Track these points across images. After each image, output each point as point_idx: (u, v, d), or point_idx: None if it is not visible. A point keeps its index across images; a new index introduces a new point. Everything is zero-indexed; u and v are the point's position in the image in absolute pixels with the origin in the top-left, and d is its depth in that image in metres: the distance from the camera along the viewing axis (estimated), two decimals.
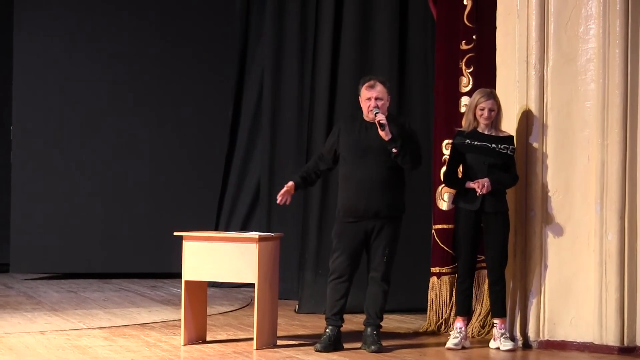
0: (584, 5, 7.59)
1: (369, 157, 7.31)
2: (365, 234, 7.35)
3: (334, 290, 7.39)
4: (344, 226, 7.39)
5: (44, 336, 7.73)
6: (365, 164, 7.31)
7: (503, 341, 7.50)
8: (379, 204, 7.29)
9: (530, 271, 7.67)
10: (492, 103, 7.55)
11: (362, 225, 7.33)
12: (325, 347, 7.27)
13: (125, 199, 12.49)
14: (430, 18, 9.06)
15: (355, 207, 7.32)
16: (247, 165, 11.52)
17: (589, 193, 7.52)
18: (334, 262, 7.42)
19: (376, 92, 7.35)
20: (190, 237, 7.51)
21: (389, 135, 7.23)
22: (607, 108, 7.44)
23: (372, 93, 7.36)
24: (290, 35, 10.55)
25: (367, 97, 7.36)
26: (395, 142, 7.22)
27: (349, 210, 7.36)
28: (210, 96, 12.57)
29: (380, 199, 7.29)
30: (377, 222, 7.32)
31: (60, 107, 12.37)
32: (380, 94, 7.35)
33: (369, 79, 7.47)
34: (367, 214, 7.30)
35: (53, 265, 12.41)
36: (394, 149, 7.21)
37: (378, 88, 7.37)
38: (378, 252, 7.33)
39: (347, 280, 7.38)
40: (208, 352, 7.21)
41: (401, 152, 7.22)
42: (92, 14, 12.45)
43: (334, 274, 7.40)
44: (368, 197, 7.28)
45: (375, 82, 7.39)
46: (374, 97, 7.34)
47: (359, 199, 7.30)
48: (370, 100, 7.35)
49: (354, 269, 7.41)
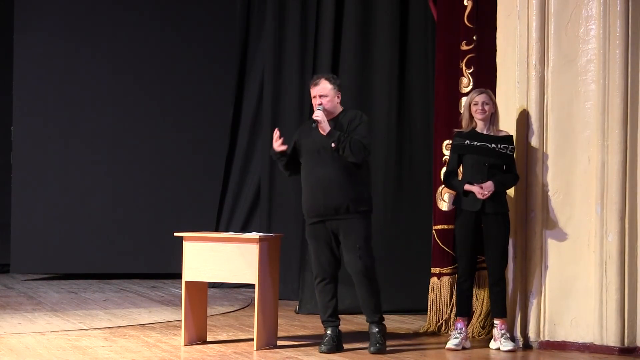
0: (584, 6, 7.59)
1: (323, 155, 7.25)
2: (333, 232, 7.30)
3: (322, 293, 7.38)
4: (311, 227, 7.37)
5: (44, 337, 7.73)
6: (320, 163, 7.26)
7: (503, 342, 7.50)
8: (338, 200, 7.21)
9: (530, 272, 7.67)
10: (485, 97, 7.56)
11: (327, 224, 7.28)
12: (330, 349, 7.25)
13: (125, 200, 12.50)
14: (431, 18, 9.07)
15: (314, 206, 7.28)
16: (248, 165, 11.52)
17: (589, 194, 7.52)
18: (314, 265, 7.42)
19: (318, 89, 7.32)
20: (190, 238, 7.51)
21: (325, 130, 7.18)
22: (607, 109, 7.44)
23: (315, 91, 7.33)
24: (291, 35, 10.56)
25: (313, 95, 7.35)
26: (332, 137, 7.16)
27: (310, 211, 7.33)
28: (211, 97, 12.59)
29: (338, 195, 7.21)
30: (340, 220, 7.25)
31: (61, 108, 12.38)
32: (324, 91, 7.31)
33: (315, 77, 7.46)
34: (327, 211, 7.24)
35: (53, 266, 12.42)
36: (332, 143, 7.16)
37: (320, 85, 7.33)
38: (350, 252, 7.24)
39: (331, 282, 7.36)
40: (208, 353, 7.21)
41: (340, 146, 7.15)
42: (92, 15, 12.46)
43: (317, 277, 7.39)
44: (325, 195, 7.22)
45: (319, 80, 7.36)
46: (317, 94, 7.32)
47: (316, 198, 7.26)
48: (315, 98, 7.33)
49: (334, 269, 7.36)
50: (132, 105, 12.54)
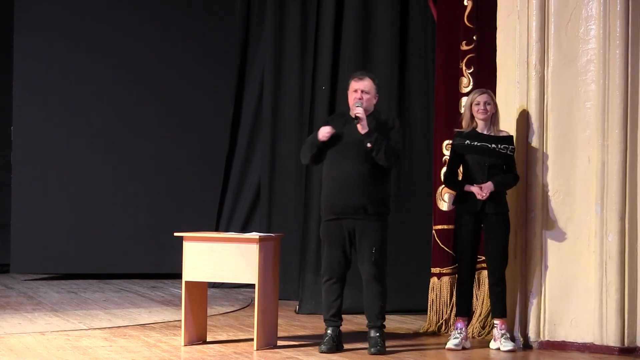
0: (584, 6, 7.59)
1: (350, 152, 7.23)
2: (348, 232, 7.28)
3: (328, 292, 7.37)
4: (327, 224, 7.35)
5: (44, 337, 7.73)
6: (345, 160, 7.23)
7: (503, 342, 7.49)
8: (358, 200, 7.19)
9: (530, 272, 7.67)
10: (487, 97, 7.56)
11: (345, 223, 7.26)
12: (330, 349, 7.25)
13: (125, 200, 12.50)
14: (431, 18, 9.07)
15: (334, 204, 7.26)
16: (248, 165, 11.52)
17: (589, 194, 7.52)
18: (324, 263, 7.41)
19: (363, 84, 7.32)
20: (190, 238, 7.51)
21: (365, 129, 7.17)
22: (607, 109, 7.44)
23: (358, 85, 7.32)
24: (291, 35, 10.56)
25: (354, 89, 7.33)
26: (370, 137, 7.15)
27: (330, 207, 7.30)
28: (211, 96, 12.58)
29: (359, 195, 7.18)
30: (358, 221, 7.23)
31: (61, 108, 12.38)
32: (367, 88, 7.32)
33: (358, 72, 7.47)
34: (346, 210, 7.22)
35: (53, 266, 12.41)
36: (368, 143, 7.15)
37: (365, 81, 7.33)
38: (365, 254, 7.24)
39: (339, 281, 7.35)
40: (208, 353, 7.21)
41: (375, 147, 7.15)
42: (92, 15, 12.46)
43: (325, 275, 7.38)
44: (345, 193, 7.20)
45: (363, 76, 7.37)
46: (360, 89, 7.31)
47: (337, 196, 7.24)
48: (356, 92, 7.31)
49: (343, 269, 7.35)
50: (132, 106, 12.54)
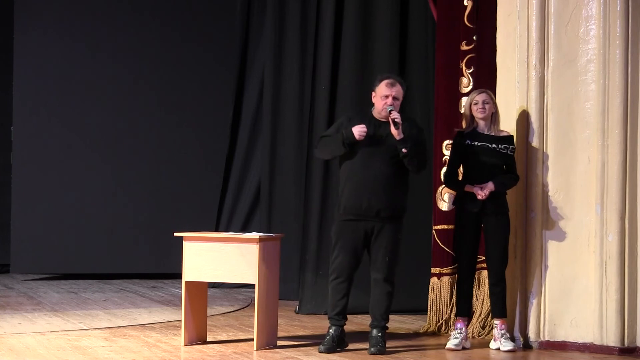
0: (584, 6, 7.59)
1: (376, 155, 7.27)
2: (365, 233, 7.32)
3: (334, 291, 7.39)
4: (344, 224, 7.37)
5: (44, 337, 7.73)
6: (370, 162, 7.27)
7: (503, 342, 7.50)
8: (381, 203, 7.25)
9: (530, 272, 7.67)
10: (486, 96, 7.57)
11: (362, 224, 7.30)
12: (328, 349, 7.26)
13: (125, 200, 12.50)
14: (431, 19, 9.07)
15: (357, 205, 7.28)
16: (248, 165, 11.52)
17: (589, 194, 7.52)
18: (334, 261, 7.41)
19: (395, 91, 7.33)
20: (190, 238, 7.51)
21: (401, 135, 7.21)
22: (607, 109, 7.44)
23: (390, 91, 7.33)
24: (291, 35, 10.55)
25: (386, 94, 7.32)
26: (406, 143, 7.20)
27: (350, 208, 7.32)
28: (211, 96, 12.58)
29: (382, 198, 7.25)
30: (377, 222, 7.29)
31: (61, 108, 12.37)
32: (398, 94, 7.35)
33: (388, 76, 7.46)
34: (369, 212, 7.27)
35: (53, 266, 12.41)
36: (404, 149, 7.19)
37: (397, 88, 7.35)
38: (379, 253, 7.30)
39: (347, 280, 7.36)
40: (208, 353, 7.21)
41: (410, 153, 7.20)
42: (92, 15, 12.45)
43: (334, 274, 7.39)
44: (371, 195, 7.24)
45: (395, 82, 7.37)
46: (392, 95, 7.32)
47: (361, 197, 7.27)
48: (387, 97, 7.32)
49: (353, 269, 7.38)
50: (132, 106, 12.53)
